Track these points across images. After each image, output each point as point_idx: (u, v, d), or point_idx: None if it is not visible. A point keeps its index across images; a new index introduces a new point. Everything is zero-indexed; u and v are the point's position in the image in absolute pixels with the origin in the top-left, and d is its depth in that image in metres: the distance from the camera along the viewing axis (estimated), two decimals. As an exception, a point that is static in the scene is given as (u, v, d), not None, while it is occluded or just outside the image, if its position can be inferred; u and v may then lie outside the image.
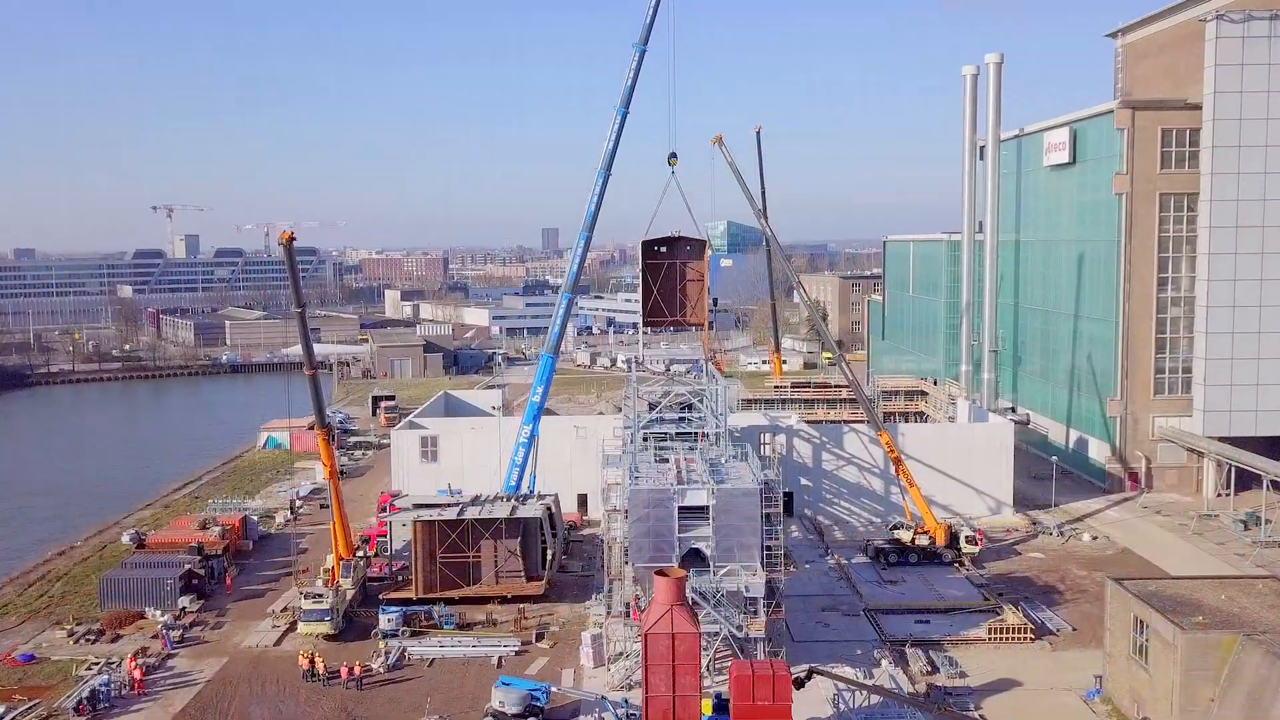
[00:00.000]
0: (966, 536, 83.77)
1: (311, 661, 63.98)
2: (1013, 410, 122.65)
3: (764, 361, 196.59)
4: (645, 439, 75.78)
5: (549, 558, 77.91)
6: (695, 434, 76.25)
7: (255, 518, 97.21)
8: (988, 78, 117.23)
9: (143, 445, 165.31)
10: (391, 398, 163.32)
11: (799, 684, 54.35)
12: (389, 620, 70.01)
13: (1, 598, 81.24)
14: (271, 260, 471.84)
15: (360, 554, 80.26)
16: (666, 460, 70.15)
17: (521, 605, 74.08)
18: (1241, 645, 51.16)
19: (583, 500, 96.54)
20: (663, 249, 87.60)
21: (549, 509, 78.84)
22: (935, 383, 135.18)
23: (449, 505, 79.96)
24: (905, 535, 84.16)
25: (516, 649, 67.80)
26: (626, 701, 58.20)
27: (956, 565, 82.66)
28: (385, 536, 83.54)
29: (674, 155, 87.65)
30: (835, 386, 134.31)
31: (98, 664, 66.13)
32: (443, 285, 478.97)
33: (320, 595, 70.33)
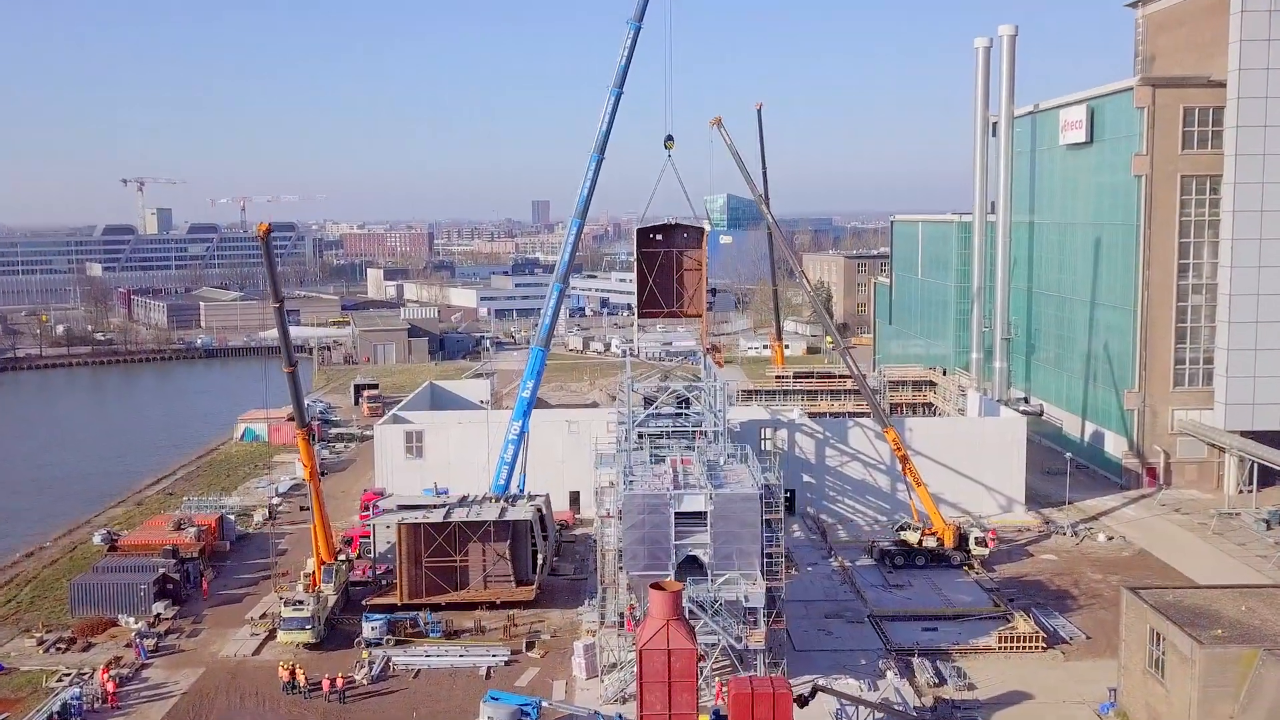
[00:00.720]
0: (976, 538, 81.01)
1: (292, 672, 61.96)
2: (1025, 401, 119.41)
3: (764, 346, 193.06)
4: (640, 436, 72.92)
5: (540, 561, 75.40)
6: (692, 432, 73.27)
7: (232, 517, 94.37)
8: (1001, 50, 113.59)
9: (114, 436, 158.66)
10: (374, 386, 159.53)
11: (802, 702, 53.40)
12: (373, 628, 67.98)
13: (-33, 604, 78.48)
14: (248, 236, 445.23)
15: (342, 556, 77.52)
16: (662, 460, 67.27)
17: (511, 611, 71.77)
18: (1262, 660, 49.76)
19: (575, 498, 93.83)
20: (658, 236, 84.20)
21: (539, 510, 76.48)
22: (944, 372, 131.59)
23: (435, 506, 77.79)
24: (912, 536, 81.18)
25: (506, 658, 65.62)
26: (621, 717, 56.58)
27: (966, 568, 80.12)
28: (368, 538, 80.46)
29: (670, 138, 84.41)
30: (839, 376, 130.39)
31: (69, 675, 64.07)
32: (428, 263, 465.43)
33: (301, 602, 68.16)
